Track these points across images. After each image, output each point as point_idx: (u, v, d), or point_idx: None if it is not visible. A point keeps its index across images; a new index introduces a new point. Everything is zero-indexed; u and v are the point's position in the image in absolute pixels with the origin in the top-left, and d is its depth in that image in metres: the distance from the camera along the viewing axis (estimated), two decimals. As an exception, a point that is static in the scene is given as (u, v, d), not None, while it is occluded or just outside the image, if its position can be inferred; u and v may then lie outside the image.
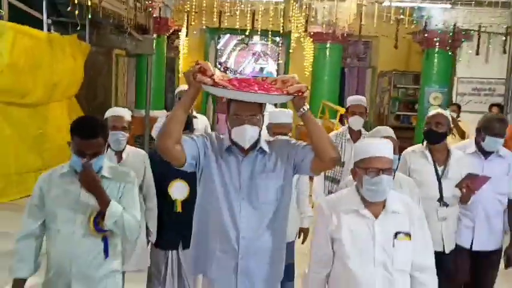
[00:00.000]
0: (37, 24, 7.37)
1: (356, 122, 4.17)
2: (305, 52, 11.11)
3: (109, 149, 3.34)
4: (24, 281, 2.64)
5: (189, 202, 3.15)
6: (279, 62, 14.18)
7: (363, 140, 2.75)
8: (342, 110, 7.94)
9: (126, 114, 3.55)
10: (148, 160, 3.56)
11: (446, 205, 3.44)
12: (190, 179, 3.07)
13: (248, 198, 2.48)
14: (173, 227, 3.41)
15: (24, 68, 6.58)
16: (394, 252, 2.30)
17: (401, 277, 2.33)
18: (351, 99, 4.38)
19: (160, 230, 3.50)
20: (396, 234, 2.31)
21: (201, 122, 5.27)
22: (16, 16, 6.81)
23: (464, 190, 3.38)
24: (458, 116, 7.55)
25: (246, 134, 2.42)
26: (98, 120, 2.67)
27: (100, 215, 2.55)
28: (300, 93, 2.32)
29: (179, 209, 3.42)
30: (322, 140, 2.39)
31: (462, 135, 6.97)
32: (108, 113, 3.49)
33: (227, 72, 15.41)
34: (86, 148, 2.48)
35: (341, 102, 11.19)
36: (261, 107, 2.46)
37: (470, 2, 9.28)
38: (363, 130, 4.27)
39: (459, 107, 8.00)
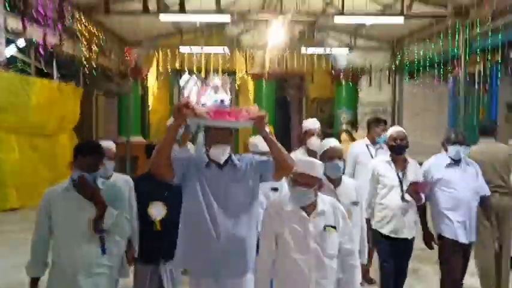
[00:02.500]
0: (47, 75, 10.13)
1: (314, 142, 4.54)
2: (249, 87, 14.22)
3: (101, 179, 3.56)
4: (37, 279, 3.06)
5: (167, 220, 3.54)
6: (231, 96, 17.18)
7: (300, 157, 3.34)
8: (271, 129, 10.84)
9: (111, 146, 3.95)
10: (132, 183, 3.85)
11: (406, 201, 4.11)
12: (168, 200, 3.55)
13: (224, 202, 2.93)
14: (154, 243, 3.57)
15: (43, 108, 9.34)
16: (323, 241, 2.81)
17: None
18: (308, 123, 4.81)
19: (143, 246, 3.65)
20: (324, 227, 2.83)
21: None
22: (37, 72, 9.66)
23: (412, 195, 4.05)
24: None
25: (221, 153, 2.94)
26: (95, 143, 3.15)
27: (98, 219, 2.93)
28: (261, 119, 2.82)
29: (158, 227, 3.61)
30: (281, 154, 2.89)
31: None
32: None
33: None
34: (88, 164, 2.93)
35: (286, 123, 13.86)
36: (231, 131, 2.98)
37: (365, 47, 12.71)
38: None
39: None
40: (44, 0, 6.33)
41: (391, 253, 4.16)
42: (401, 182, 4.12)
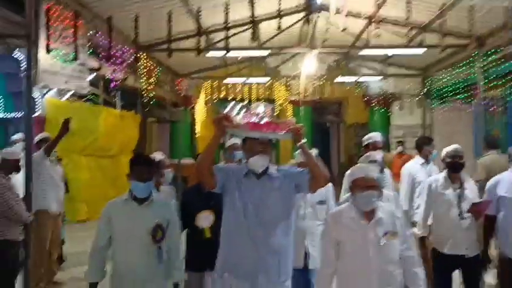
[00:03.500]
0: (112, 105, 11.68)
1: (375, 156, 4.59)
2: (287, 113, 15.43)
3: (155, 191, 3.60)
4: (96, 284, 3.22)
5: (216, 228, 3.47)
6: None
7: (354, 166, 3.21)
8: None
9: (163, 157, 4.36)
10: (175, 199, 4.12)
11: (464, 218, 4.04)
12: (214, 208, 3.63)
13: (262, 212, 3.04)
14: (204, 251, 3.59)
15: (108, 133, 10.81)
16: (384, 248, 2.81)
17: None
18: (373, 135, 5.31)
19: (194, 254, 3.80)
20: (385, 233, 2.84)
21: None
22: (104, 102, 11.22)
23: (474, 214, 4.01)
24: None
25: (259, 163, 3.06)
26: (147, 155, 3.48)
27: (157, 228, 3.15)
28: (297, 131, 2.98)
29: (208, 235, 3.72)
30: (315, 166, 3.00)
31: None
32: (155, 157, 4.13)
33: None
34: (143, 173, 3.16)
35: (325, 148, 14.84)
36: (269, 142, 3.09)
37: (395, 74, 13.67)
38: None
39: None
40: (115, 43, 7.72)
41: (448, 268, 4.15)
42: (459, 199, 4.10)
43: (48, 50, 5.63)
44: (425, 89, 13.33)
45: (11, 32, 5.50)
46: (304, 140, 3.04)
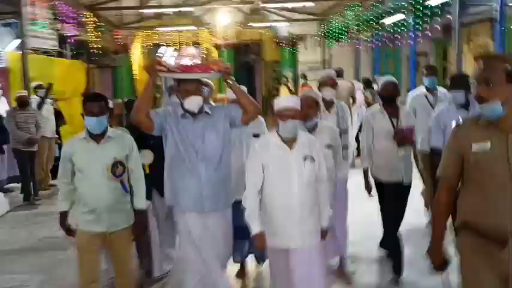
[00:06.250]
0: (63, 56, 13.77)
1: (329, 92, 4.60)
2: (213, 55, 18.05)
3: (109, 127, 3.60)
4: (66, 212, 3.45)
5: (155, 164, 3.91)
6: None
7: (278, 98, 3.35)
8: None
9: (121, 103, 4.50)
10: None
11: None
12: (153, 146, 3.92)
13: (201, 146, 3.28)
14: (146, 184, 3.59)
15: (61, 79, 12.95)
16: (302, 170, 3.06)
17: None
18: (322, 74, 5.12)
19: None
20: (304, 158, 3.08)
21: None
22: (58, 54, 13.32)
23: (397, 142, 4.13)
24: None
25: (194, 103, 3.26)
26: (100, 94, 3.56)
27: (116, 164, 3.31)
28: (226, 70, 3.23)
29: (148, 171, 3.93)
30: (245, 99, 3.30)
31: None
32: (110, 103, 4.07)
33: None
34: (94, 108, 3.25)
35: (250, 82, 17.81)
36: (201, 82, 3.32)
37: (299, 20, 16.57)
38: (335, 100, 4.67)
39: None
40: (70, 9, 10.03)
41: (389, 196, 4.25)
42: (395, 128, 4.21)
43: (33, 23, 7.97)
44: (323, 31, 16.36)
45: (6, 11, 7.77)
46: (232, 79, 3.29)
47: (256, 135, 4.03)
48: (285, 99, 3.25)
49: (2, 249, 5.73)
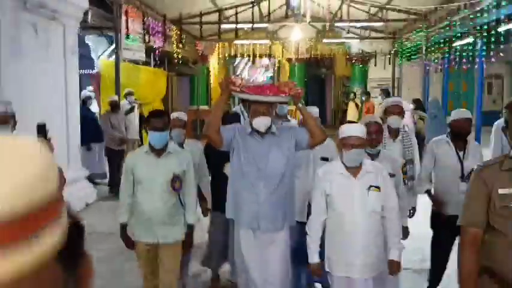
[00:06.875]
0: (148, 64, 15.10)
1: (394, 121, 4.30)
2: (286, 68, 18.83)
3: (173, 143, 3.74)
4: (126, 224, 3.57)
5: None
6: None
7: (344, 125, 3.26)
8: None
9: (182, 116, 4.31)
10: (202, 148, 4.31)
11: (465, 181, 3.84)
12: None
13: (265, 165, 3.36)
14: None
15: (145, 85, 14.28)
16: (368, 199, 3.00)
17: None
18: (390, 101, 4.61)
19: (220, 197, 3.88)
20: (370, 187, 3.01)
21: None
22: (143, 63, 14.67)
23: None
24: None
25: (262, 123, 3.34)
26: (162, 110, 3.88)
27: (175, 179, 3.41)
28: (297, 94, 3.29)
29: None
30: (313, 124, 3.31)
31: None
32: (172, 116, 4.14)
33: (242, 80, 23.30)
34: (158, 123, 3.36)
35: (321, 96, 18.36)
36: (271, 104, 3.40)
37: (371, 37, 16.91)
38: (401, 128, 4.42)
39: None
40: (158, 24, 11.16)
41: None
42: (461, 162, 4.02)
43: (127, 36, 9.10)
44: (394, 49, 16.58)
45: (104, 25, 8.95)
46: (302, 102, 3.37)
47: (324, 159, 4.02)
48: (349, 128, 3.19)
49: (90, 231, 6.71)
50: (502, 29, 9.29)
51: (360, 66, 17.57)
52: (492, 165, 2.28)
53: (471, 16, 9.89)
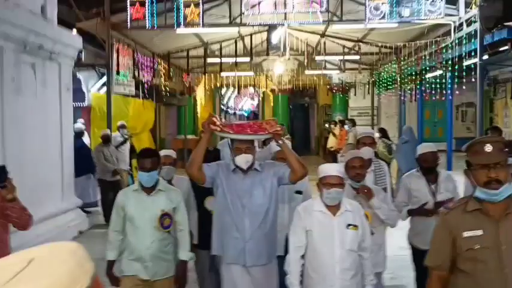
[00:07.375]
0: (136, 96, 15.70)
1: (367, 151, 4.40)
2: (270, 98, 19.56)
3: (161, 179, 3.75)
4: (113, 261, 3.59)
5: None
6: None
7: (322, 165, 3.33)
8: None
9: (172, 154, 4.44)
10: (190, 184, 4.21)
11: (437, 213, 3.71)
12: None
13: (248, 202, 3.42)
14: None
15: (134, 116, 14.82)
16: (346, 237, 3.07)
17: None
18: (362, 132, 4.81)
19: (204, 234, 4.00)
20: (348, 225, 3.10)
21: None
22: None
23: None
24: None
25: (244, 161, 3.42)
26: (152, 149, 3.86)
27: (164, 216, 3.45)
28: (277, 132, 3.35)
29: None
30: (294, 161, 3.37)
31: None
32: (161, 153, 4.08)
33: (229, 110, 24.08)
34: (147, 163, 3.42)
35: (306, 124, 18.98)
36: (253, 142, 3.49)
37: (351, 69, 17.74)
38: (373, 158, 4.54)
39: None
40: (147, 59, 11.83)
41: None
42: (433, 195, 4.12)
43: (118, 72, 9.72)
44: (372, 80, 17.43)
45: (97, 62, 9.57)
46: (282, 140, 3.44)
47: (298, 192, 4.10)
48: (329, 167, 3.28)
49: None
50: (466, 63, 10.11)
51: (341, 95, 18.35)
52: (457, 208, 2.31)
53: (437, 52, 10.71)
